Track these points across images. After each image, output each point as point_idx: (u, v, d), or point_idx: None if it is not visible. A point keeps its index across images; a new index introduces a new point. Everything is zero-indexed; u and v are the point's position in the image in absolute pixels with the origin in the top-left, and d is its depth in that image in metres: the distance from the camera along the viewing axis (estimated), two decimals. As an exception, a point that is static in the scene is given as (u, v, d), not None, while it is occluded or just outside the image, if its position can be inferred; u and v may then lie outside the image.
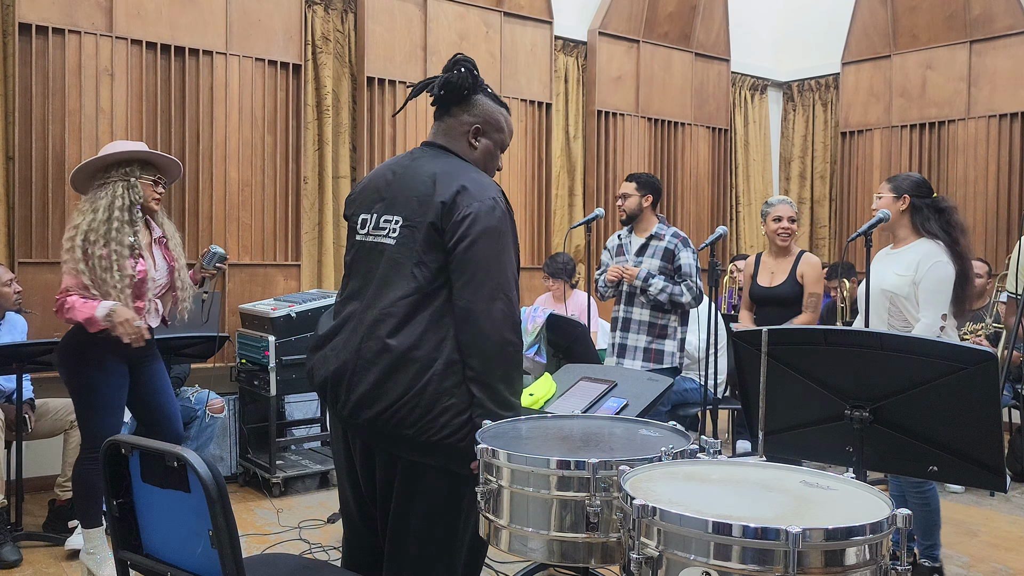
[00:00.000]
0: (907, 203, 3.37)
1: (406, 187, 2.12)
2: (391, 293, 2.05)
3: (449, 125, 2.20)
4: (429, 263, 2.03)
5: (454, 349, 2.02)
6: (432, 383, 2.00)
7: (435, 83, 2.16)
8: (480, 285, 1.98)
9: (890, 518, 1.41)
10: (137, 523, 1.75)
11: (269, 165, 5.19)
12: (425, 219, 2.03)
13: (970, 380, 1.98)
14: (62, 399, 4.02)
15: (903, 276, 3.31)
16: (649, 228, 4.32)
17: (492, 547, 1.89)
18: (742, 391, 2.38)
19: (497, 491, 1.82)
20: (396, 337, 2.02)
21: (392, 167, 2.22)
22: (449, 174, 2.07)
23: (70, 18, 4.53)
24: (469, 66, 2.17)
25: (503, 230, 2.04)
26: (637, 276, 4.20)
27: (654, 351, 4.23)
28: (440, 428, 2.01)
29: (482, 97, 2.21)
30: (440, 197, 2.03)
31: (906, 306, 3.32)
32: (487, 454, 1.83)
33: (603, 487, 1.72)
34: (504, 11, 6.11)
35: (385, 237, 2.11)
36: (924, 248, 3.31)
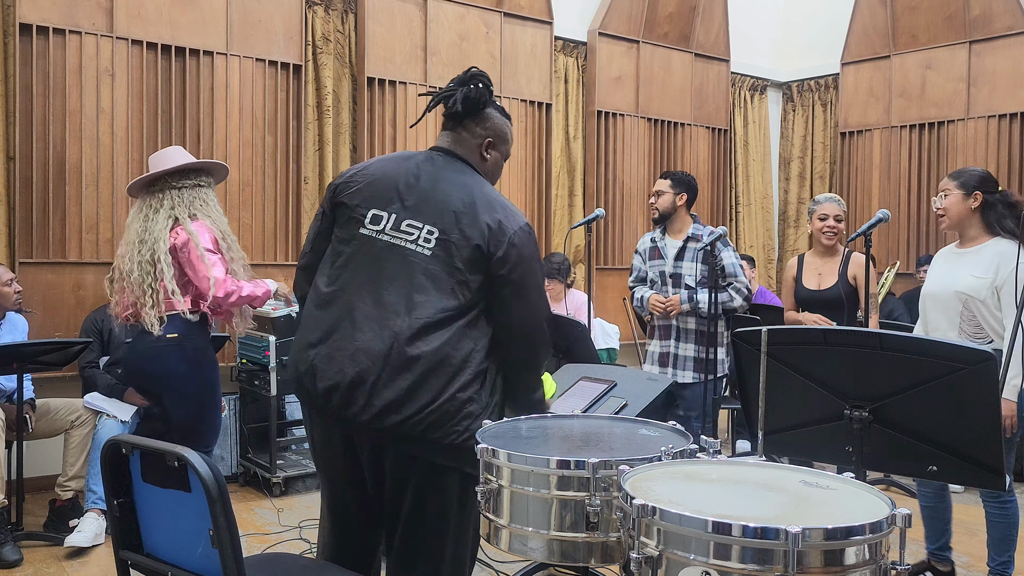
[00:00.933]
0: (979, 200, 3.11)
1: (437, 198, 2.15)
2: (430, 304, 2.09)
3: (462, 137, 2.27)
4: (471, 283, 2.12)
5: (483, 359, 2.14)
6: (461, 390, 2.09)
7: (454, 98, 2.22)
8: (534, 307, 2.17)
9: (889, 518, 1.41)
10: (138, 523, 1.76)
11: (269, 165, 5.19)
12: (470, 239, 2.11)
13: (970, 380, 1.98)
14: (62, 399, 4.03)
15: (981, 278, 3.05)
16: (684, 229, 4.11)
17: (492, 547, 1.89)
18: (742, 391, 2.38)
19: (497, 491, 1.82)
20: (430, 346, 2.08)
21: (409, 170, 2.21)
22: (484, 196, 2.17)
23: (71, 18, 4.53)
24: (486, 81, 2.25)
25: (537, 254, 2.22)
26: (682, 301, 4.02)
27: (707, 361, 3.99)
28: (463, 431, 2.10)
29: (492, 111, 2.29)
30: (484, 219, 2.12)
31: (981, 310, 3.06)
32: (487, 454, 1.83)
33: (603, 487, 1.73)
34: (504, 11, 6.11)
35: (413, 243, 2.13)
36: (1002, 248, 3.05)
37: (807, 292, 3.97)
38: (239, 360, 4.75)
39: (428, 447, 2.10)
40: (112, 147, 4.65)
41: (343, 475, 2.23)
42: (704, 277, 4.01)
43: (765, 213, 7.95)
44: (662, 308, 4.07)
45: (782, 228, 8.08)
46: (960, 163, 6.80)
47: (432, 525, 2.16)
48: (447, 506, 2.16)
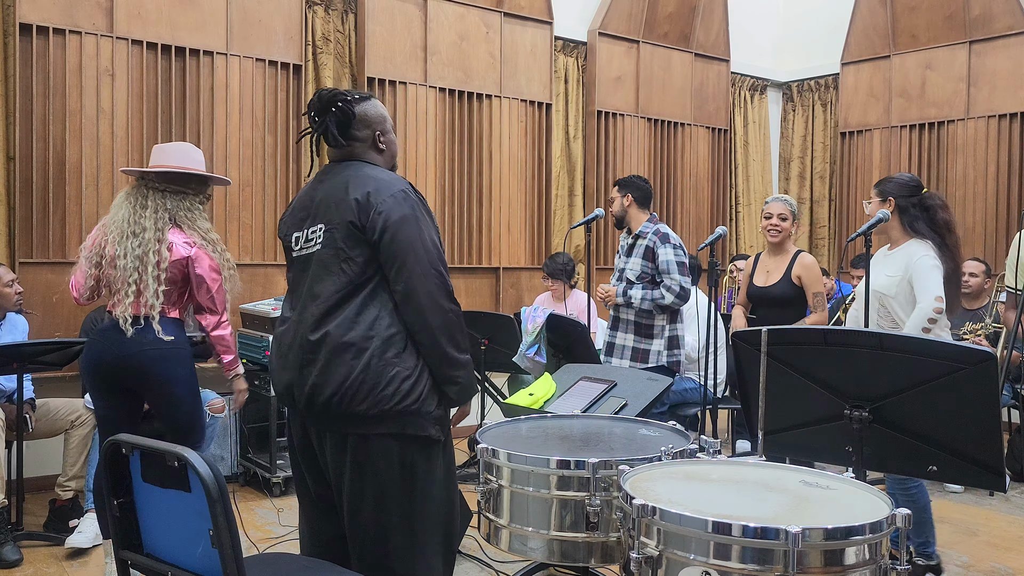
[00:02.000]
0: (892, 205, 3.40)
1: (325, 198, 2.28)
2: (324, 289, 2.21)
3: (354, 148, 2.34)
4: (355, 258, 2.19)
5: (390, 325, 2.17)
6: (373, 359, 2.14)
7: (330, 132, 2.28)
8: (412, 268, 2.16)
9: (889, 518, 1.41)
10: (138, 523, 1.76)
11: (270, 165, 5.20)
12: (344, 219, 2.20)
13: (970, 380, 1.98)
14: (62, 399, 4.03)
15: (892, 277, 3.35)
16: (637, 227, 4.34)
17: (492, 546, 1.89)
18: (742, 391, 2.38)
19: (497, 491, 1.82)
20: (330, 326, 2.17)
21: (313, 186, 2.37)
22: (358, 177, 2.25)
23: (71, 18, 4.53)
24: (341, 97, 2.28)
25: (417, 214, 2.22)
26: (617, 295, 4.27)
27: (641, 351, 4.25)
28: (391, 396, 2.13)
29: (360, 107, 2.33)
30: (354, 196, 2.20)
31: (894, 307, 3.35)
32: (487, 454, 1.83)
33: (603, 487, 1.73)
34: (504, 11, 6.11)
35: (313, 246, 2.27)
36: (912, 249, 3.34)
37: (754, 288, 4.29)
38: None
39: (360, 421, 2.15)
40: (112, 147, 4.65)
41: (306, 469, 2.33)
42: (643, 272, 4.24)
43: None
44: (601, 296, 4.37)
45: (782, 228, 8.07)
46: (960, 163, 6.81)
47: (373, 501, 2.16)
48: (386, 477, 2.16)
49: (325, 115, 2.29)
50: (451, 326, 2.19)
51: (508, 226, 6.18)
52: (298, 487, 2.41)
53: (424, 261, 2.17)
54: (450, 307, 2.19)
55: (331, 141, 2.30)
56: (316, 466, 2.30)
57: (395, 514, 2.16)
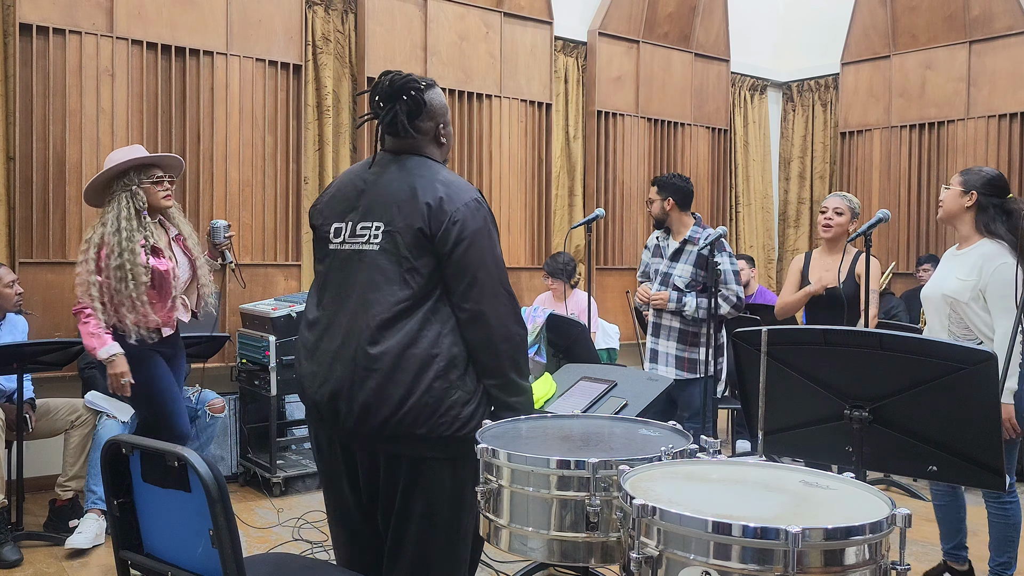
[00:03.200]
0: (973, 200, 3.10)
1: (382, 194, 2.12)
2: (383, 298, 2.06)
3: (416, 140, 2.18)
4: (420, 268, 2.05)
5: (453, 344, 2.06)
6: (437, 379, 2.03)
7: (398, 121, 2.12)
8: (483, 285, 2.04)
9: (889, 518, 1.41)
10: (138, 523, 1.76)
11: (269, 165, 5.20)
12: (411, 224, 2.05)
13: (970, 380, 1.98)
14: (62, 399, 4.03)
15: (965, 281, 3.04)
16: (684, 231, 4.21)
17: (492, 546, 1.89)
18: (742, 391, 2.38)
19: (497, 490, 1.82)
20: (392, 340, 2.03)
21: (361, 176, 2.20)
22: (427, 179, 2.09)
23: (71, 18, 4.53)
24: (414, 85, 2.14)
25: (490, 228, 2.10)
26: (668, 300, 4.11)
27: (687, 360, 4.13)
28: (451, 422, 2.05)
29: (425, 97, 2.17)
30: (424, 200, 2.05)
31: (967, 313, 3.04)
32: (487, 454, 1.83)
33: (603, 487, 1.73)
34: (504, 11, 6.11)
35: (365, 244, 2.11)
36: (986, 249, 3.04)
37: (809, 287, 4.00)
38: (239, 360, 4.75)
39: (416, 443, 2.06)
40: (112, 147, 4.63)
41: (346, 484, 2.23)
42: (694, 280, 4.10)
43: (765, 213, 7.95)
44: (644, 298, 4.22)
45: (782, 228, 8.08)
46: (960, 163, 6.80)
47: (421, 521, 2.11)
48: (436, 501, 2.11)
49: (394, 102, 2.11)
50: (517, 351, 2.10)
51: (508, 226, 6.18)
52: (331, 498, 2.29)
53: (495, 280, 2.06)
54: (518, 331, 2.09)
55: (398, 131, 2.13)
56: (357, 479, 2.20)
57: (441, 533, 2.13)
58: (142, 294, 3.41)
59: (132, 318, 3.44)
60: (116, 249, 3.39)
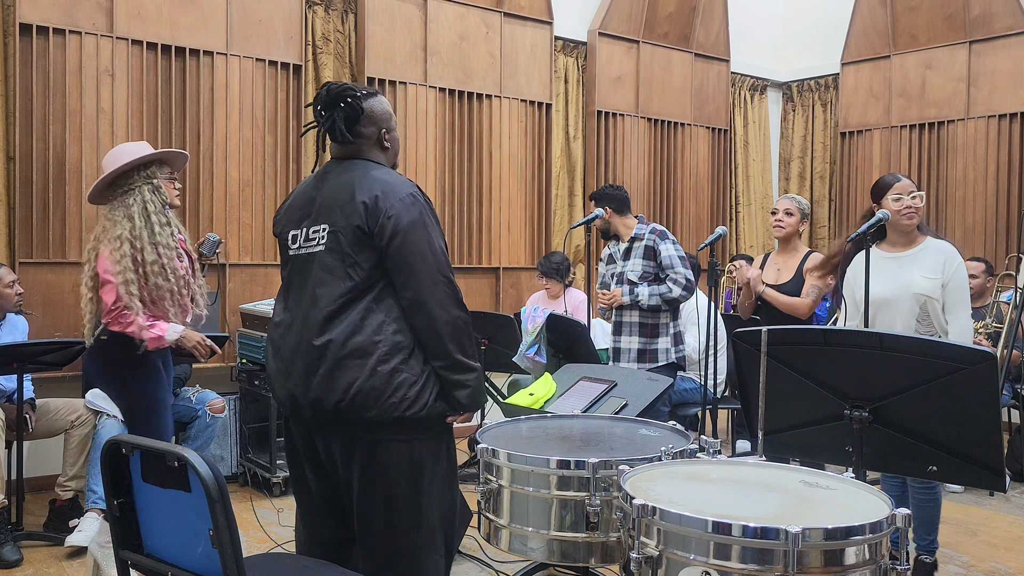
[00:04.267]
0: None
1: (328, 198, 2.25)
2: (328, 293, 2.18)
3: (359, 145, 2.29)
4: (362, 262, 2.16)
5: (396, 331, 2.15)
6: (380, 364, 2.12)
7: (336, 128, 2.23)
8: (420, 275, 2.14)
9: (889, 518, 1.42)
10: (138, 523, 1.76)
11: (269, 165, 5.20)
12: (351, 223, 2.16)
13: (969, 380, 1.98)
14: (62, 399, 4.02)
15: (933, 279, 3.16)
16: (629, 232, 4.34)
17: (492, 546, 1.89)
18: (742, 391, 2.38)
19: (497, 491, 1.83)
20: (335, 331, 2.14)
21: (313, 184, 2.34)
22: (365, 179, 2.20)
23: (71, 18, 4.53)
24: (350, 93, 2.23)
25: (426, 219, 2.19)
26: (622, 295, 4.25)
27: (648, 351, 4.25)
28: (399, 402, 2.12)
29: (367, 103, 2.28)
30: (361, 199, 2.16)
31: (936, 309, 3.16)
32: (487, 453, 1.83)
33: (603, 487, 1.73)
34: (504, 11, 6.11)
35: (315, 246, 2.23)
36: (943, 248, 3.19)
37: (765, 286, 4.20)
38: (239, 360, 4.75)
39: (368, 426, 2.14)
40: (112, 147, 4.64)
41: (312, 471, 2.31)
42: (644, 272, 4.24)
43: (765, 213, 7.95)
44: (605, 301, 4.32)
45: (782, 228, 8.07)
46: (960, 163, 6.80)
47: (383, 504, 2.17)
48: (394, 482, 2.16)
49: (333, 110, 2.23)
50: (460, 333, 2.18)
51: (508, 226, 6.18)
52: (296, 490, 2.41)
53: (433, 268, 2.15)
54: (459, 314, 2.17)
55: (337, 137, 2.26)
56: (321, 469, 2.29)
57: (403, 515, 2.17)
58: (182, 287, 3.41)
59: (174, 311, 3.44)
60: (150, 244, 3.36)
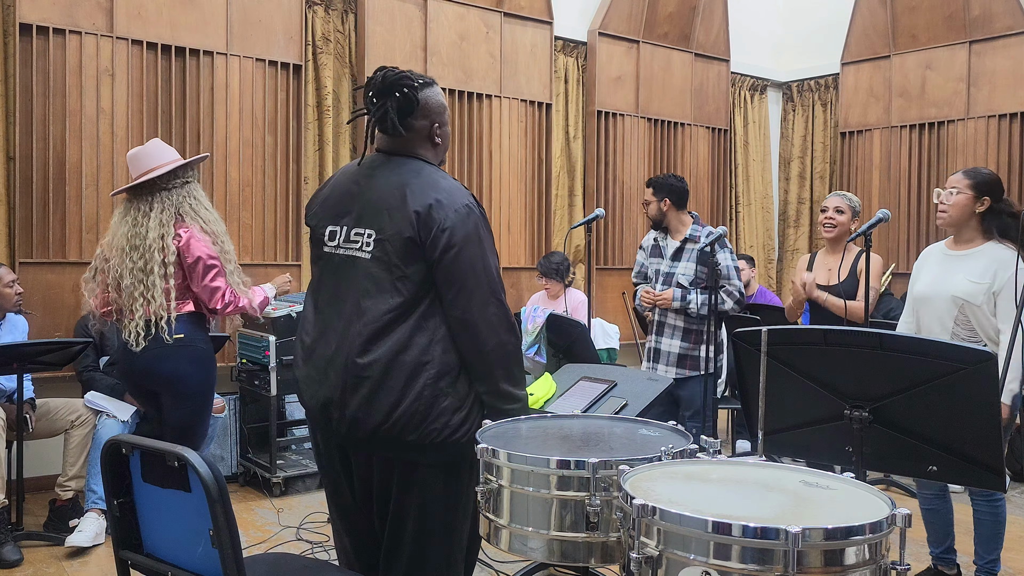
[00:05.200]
0: (987, 205, 3.06)
1: (374, 199, 2.11)
2: (374, 307, 2.06)
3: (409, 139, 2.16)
4: (411, 276, 2.05)
5: (445, 351, 2.05)
6: (427, 387, 2.03)
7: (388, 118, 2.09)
8: (471, 293, 2.03)
9: (889, 518, 1.41)
10: (138, 523, 1.76)
11: (269, 165, 5.20)
12: (400, 232, 2.04)
13: (970, 380, 1.98)
14: (62, 399, 4.03)
15: (978, 283, 3.00)
16: (683, 230, 4.23)
17: (492, 546, 1.89)
18: (742, 391, 2.38)
19: (497, 491, 1.82)
20: (382, 348, 2.04)
21: (354, 178, 2.20)
22: (417, 184, 2.07)
23: (71, 18, 4.53)
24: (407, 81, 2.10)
25: (482, 236, 2.07)
26: (673, 299, 4.12)
27: (689, 357, 4.15)
28: (441, 429, 2.05)
29: (422, 93, 2.14)
30: (414, 207, 2.03)
31: (977, 315, 3.01)
32: (487, 453, 1.83)
33: (603, 487, 1.73)
34: (504, 11, 6.11)
35: (358, 251, 2.11)
36: (999, 254, 3.00)
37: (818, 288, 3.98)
38: (239, 360, 4.75)
39: (407, 449, 2.07)
40: (112, 147, 4.65)
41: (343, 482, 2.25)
42: (697, 278, 4.12)
43: (765, 213, 7.95)
44: (650, 300, 4.20)
45: (782, 228, 8.08)
46: (960, 163, 6.80)
47: (415, 525, 2.13)
48: (430, 507, 2.12)
49: (386, 98, 2.08)
50: (509, 359, 2.08)
51: (508, 226, 6.18)
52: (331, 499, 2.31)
53: (485, 287, 2.04)
54: (509, 339, 2.07)
55: (388, 128, 2.10)
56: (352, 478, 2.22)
57: (436, 534, 2.14)
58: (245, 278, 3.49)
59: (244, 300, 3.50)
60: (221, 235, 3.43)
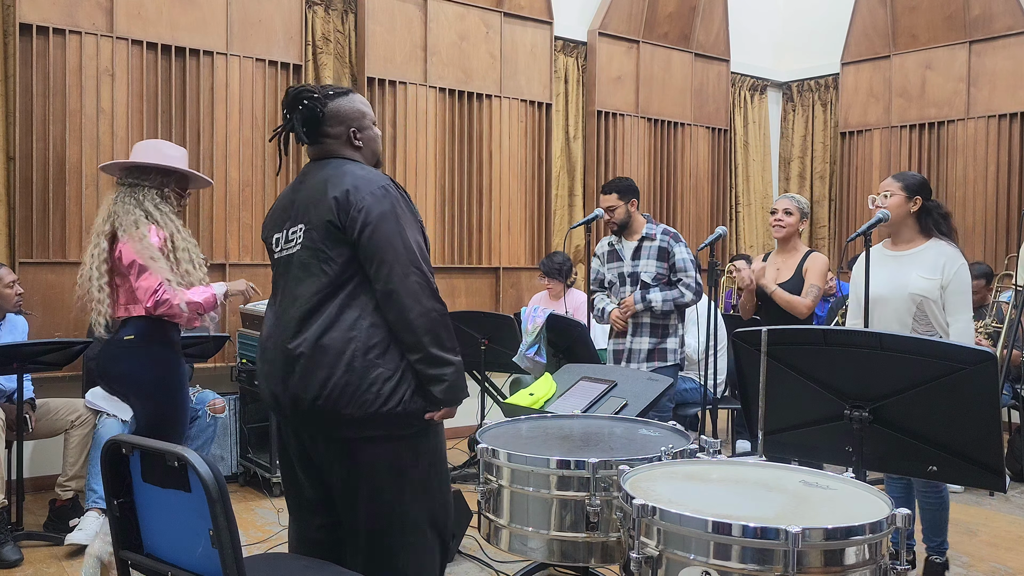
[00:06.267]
0: (919, 205, 3.23)
1: (303, 199, 2.26)
2: (304, 291, 2.19)
3: (328, 145, 2.30)
4: (336, 257, 2.16)
5: (372, 325, 2.14)
6: (356, 358, 2.11)
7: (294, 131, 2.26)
8: (391, 266, 2.12)
9: (889, 518, 1.42)
10: (138, 523, 1.76)
11: (270, 165, 5.19)
12: (322, 218, 2.16)
13: (969, 380, 1.98)
14: (62, 399, 4.03)
15: (931, 279, 3.16)
16: (639, 230, 4.32)
17: (492, 546, 1.89)
18: (742, 391, 2.38)
19: (497, 491, 1.83)
20: (311, 328, 2.15)
21: (294, 187, 2.35)
22: (337, 176, 2.20)
23: (71, 18, 4.53)
24: (308, 95, 2.24)
25: (398, 211, 2.17)
26: (636, 301, 4.22)
27: (659, 351, 4.26)
28: (375, 398, 2.11)
29: (333, 103, 2.28)
30: (332, 195, 2.16)
31: (934, 310, 3.17)
32: (487, 454, 1.83)
33: (603, 487, 1.73)
34: (504, 11, 6.11)
35: (293, 247, 2.25)
36: (944, 250, 3.18)
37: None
38: (239, 360, 4.75)
39: (348, 424, 2.13)
40: (112, 147, 4.65)
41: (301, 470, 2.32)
42: (658, 273, 4.24)
43: (765, 213, 7.94)
44: (623, 322, 4.28)
45: (782, 228, 8.07)
46: (960, 163, 6.81)
47: (367, 504, 2.16)
48: (377, 482, 2.16)
49: (292, 112, 2.25)
50: (435, 325, 2.14)
51: (508, 226, 6.18)
52: (287, 488, 2.40)
53: (404, 259, 2.13)
54: (433, 306, 2.14)
55: (300, 139, 2.27)
56: (312, 468, 2.29)
57: (388, 512, 2.17)
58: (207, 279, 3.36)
59: None
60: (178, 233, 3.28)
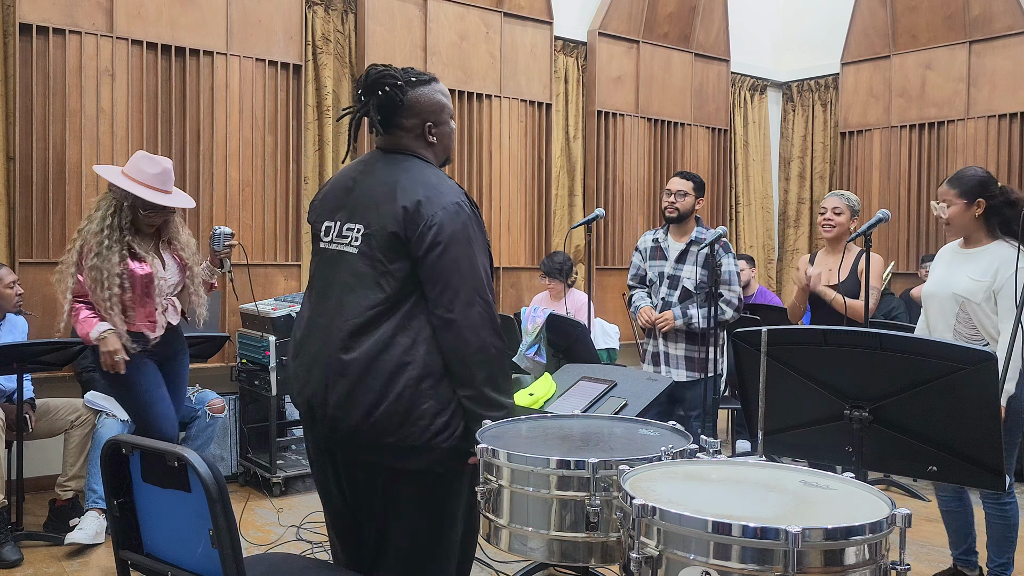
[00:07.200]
0: (982, 208, 3.05)
1: (366, 195, 2.08)
2: (357, 303, 2.03)
3: (398, 134, 2.13)
4: (395, 272, 2.01)
5: (428, 352, 2.00)
6: (408, 387, 1.99)
7: (369, 114, 2.09)
8: (456, 292, 1.97)
9: (889, 518, 1.41)
10: (137, 523, 1.76)
11: (269, 165, 5.20)
12: (385, 227, 2.00)
13: (970, 380, 1.98)
14: (62, 399, 4.03)
15: (979, 281, 3.01)
16: (688, 232, 4.12)
17: (492, 546, 1.89)
18: (742, 391, 2.38)
19: (497, 491, 1.82)
20: (364, 345, 2.00)
21: (351, 174, 2.18)
22: (408, 180, 2.03)
23: (71, 18, 4.53)
24: (390, 79, 2.07)
25: (471, 233, 2.02)
26: (675, 318, 4.04)
27: (697, 360, 4.06)
28: (421, 432, 2.01)
29: (414, 91, 2.11)
30: (401, 203, 1.99)
31: (978, 313, 3.02)
32: (487, 453, 1.83)
33: (603, 487, 1.73)
34: (504, 11, 6.11)
35: (347, 246, 2.08)
36: (1002, 252, 3.01)
37: None
38: (239, 360, 4.75)
39: (387, 452, 2.03)
40: (112, 147, 4.65)
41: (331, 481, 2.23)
42: (702, 281, 4.01)
43: (765, 213, 7.95)
44: (649, 323, 4.11)
45: (782, 228, 8.09)
46: (960, 163, 6.80)
47: (400, 537, 2.11)
48: (413, 517, 2.09)
49: (370, 96, 2.06)
50: (491, 363, 2.01)
51: (508, 226, 6.18)
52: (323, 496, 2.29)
53: (470, 287, 1.97)
54: (493, 342, 2.00)
55: (371, 126, 2.10)
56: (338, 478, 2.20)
57: (421, 542, 2.12)
58: (115, 302, 3.30)
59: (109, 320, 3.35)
60: (95, 250, 3.29)
